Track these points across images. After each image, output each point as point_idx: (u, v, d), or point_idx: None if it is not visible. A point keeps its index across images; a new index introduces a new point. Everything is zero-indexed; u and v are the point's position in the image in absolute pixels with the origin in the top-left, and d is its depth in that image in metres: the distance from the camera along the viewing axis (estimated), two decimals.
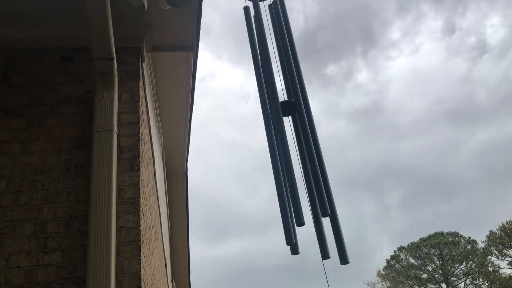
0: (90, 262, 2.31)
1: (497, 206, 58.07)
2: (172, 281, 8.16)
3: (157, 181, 4.58)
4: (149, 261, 3.12)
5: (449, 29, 71.10)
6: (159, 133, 5.43)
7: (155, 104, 4.67)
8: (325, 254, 2.77)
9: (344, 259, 2.62)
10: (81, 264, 2.39)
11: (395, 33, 74.45)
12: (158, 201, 4.67)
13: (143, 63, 3.27)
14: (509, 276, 41.33)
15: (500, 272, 42.14)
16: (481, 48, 68.39)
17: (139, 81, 3.03)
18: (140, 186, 2.69)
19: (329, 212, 2.56)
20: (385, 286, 47.08)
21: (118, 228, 2.51)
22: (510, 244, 42.44)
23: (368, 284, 48.07)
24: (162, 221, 5.27)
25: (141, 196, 2.70)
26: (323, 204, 2.55)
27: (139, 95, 2.99)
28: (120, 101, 2.92)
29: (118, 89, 2.90)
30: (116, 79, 2.83)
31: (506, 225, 42.85)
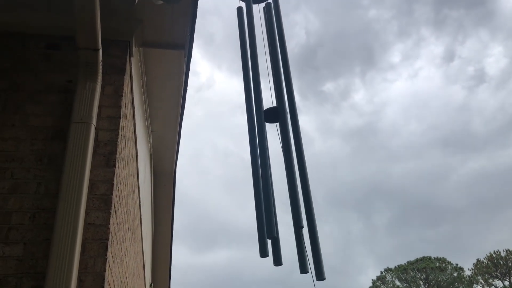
0: (52, 257, 2.20)
1: (483, 235, 58.05)
2: (151, 285, 8.01)
3: (140, 181, 4.47)
4: (119, 262, 3.01)
5: (449, 56, 71.52)
6: (148, 132, 5.33)
7: (144, 103, 4.58)
8: (303, 268, 2.68)
9: (320, 275, 2.51)
10: (43, 259, 2.27)
11: (395, 56, 74.71)
12: (139, 201, 4.55)
13: (131, 58, 3.19)
14: None
15: None
16: (479, 78, 68.91)
17: (124, 75, 2.94)
18: (115, 183, 2.59)
19: (302, 225, 2.46)
20: None
21: (86, 224, 2.40)
22: (496, 274, 42.30)
23: None
24: (143, 222, 5.15)
25: (115, 193, 2.60)
26: (298, 216, 2.44)
27: (123, 89, 2.90)
28: (103, 94, 2.83)
29: (102, 81, 2.81)
30: (100, 70, 2.73)
31: (494, 255, 42.74)
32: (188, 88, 4.83)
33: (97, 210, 2.46)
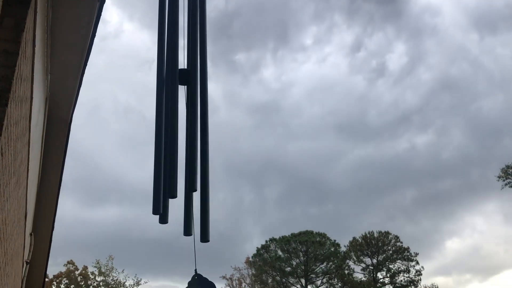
0: None
1: (361, 217, 63.05)
2: (31, 234, 7.63)
3: (32, 125, 4.20)
4: (0, 207, 2.84)
5: (356, 46, 74.87)
6: (46, 75, 4.99)
7: (46, 42, 4.27)
8: (188, 231, 2.75)
9: (204, 237, 2.61)
10: None
11: (307, 38, 76.39)
12: (29, 146, 4.29)
13: None
14: (359, 280, 45.33)
15: (354, 276, 46.09)
16: (380, 72, 73.05)
17: (28, 9, 2.71)
18: (5, 123, 2.42)
19: (196, 188, 2.52)
20: (250, 273, 48.94)
21: None
22: (367, 252, 46.48)
23: (235, 269, 49.63)
24: (30, 169, 4.87)
25: (4, 134, 2.43)
26: (193, 179, 2.49)
27: (26, 24, 2.68)
28: (1, 26, 2.60)
29: (1, 12, 2.57)
30: None
31: (368, 235, 46.83)
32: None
33: None
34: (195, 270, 2.82)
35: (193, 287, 2.80)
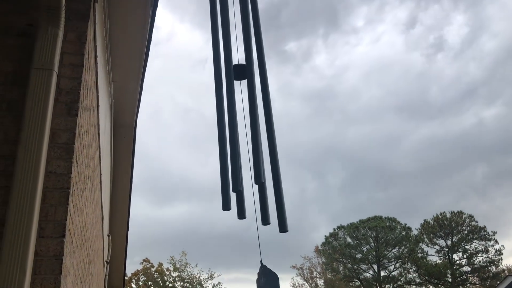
0: (12, 204, 2.18)
1: (431, 198, 60.89)
2: (108, 235, 8.04)
3: (100, 132, 4.41)
4: (79, 211, 3.01)
5: (411, 22, 71.81)
6: (109, 83, 5.21)
7: (106, 52, 4.45)
8: (265, 220, 2.77)
9: (283, 227, 2.62)
10: (1, 206, 2.25)
11: (358, 19, 74.06)
12: (99, 152, 4.51)
13: (96, 4, 3.07)
14: (434, 263, 43.88)
15: (428, 259, 44.69)
16: (438, 46, 69.77)
17: (88, 22, 2.84)
18: (77, 132, 2.55)
19: (262, 180, 2.54)
20: (321, 261, 48.81)
21: (47, 173, 2.38)
22: (440, 234, 44.89)
23: (305, 258, 49.67)
24: (102, 173, 5.12)
25: (77, 143, 2.57)
26: (259, 171, 2.51)
27: (87, 36, 2.81)
28: (65, 40, 2.74)
29: (64, 27, 2.71)
30: (63, 15, 2.63)
31: (440, 216, 45.20)
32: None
33: (59, 159, 2.44)
34: (261, 261, 2.86)
35: (262, 275, 2.85)
